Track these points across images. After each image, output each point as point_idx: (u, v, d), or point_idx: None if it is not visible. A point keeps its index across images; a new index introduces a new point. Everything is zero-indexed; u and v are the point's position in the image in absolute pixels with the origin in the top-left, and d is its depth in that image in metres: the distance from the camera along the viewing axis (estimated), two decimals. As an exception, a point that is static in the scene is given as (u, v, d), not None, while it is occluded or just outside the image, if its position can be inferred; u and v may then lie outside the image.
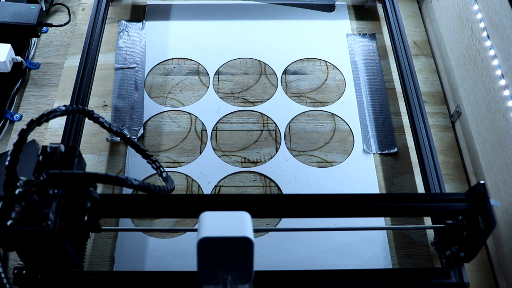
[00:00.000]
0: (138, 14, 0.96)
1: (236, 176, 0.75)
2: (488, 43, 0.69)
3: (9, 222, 0.40)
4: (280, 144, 0.78)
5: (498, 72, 0.66)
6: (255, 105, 0.83)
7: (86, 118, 0.57)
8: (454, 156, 0.78)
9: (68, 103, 0.75)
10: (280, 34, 0.94)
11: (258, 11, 0.97)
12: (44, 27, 0.91)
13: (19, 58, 0.81)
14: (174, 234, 0.68)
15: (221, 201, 0.53)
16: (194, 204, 0.50)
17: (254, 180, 0.74)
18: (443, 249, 0.62)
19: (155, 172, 0.59)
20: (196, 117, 0.81)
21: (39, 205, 0.42)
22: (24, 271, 0.53)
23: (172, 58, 0.89)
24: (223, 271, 0.39)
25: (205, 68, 0.88)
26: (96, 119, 0.54)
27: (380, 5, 0.96)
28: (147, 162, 0.59)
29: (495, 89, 0.67)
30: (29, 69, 0.85)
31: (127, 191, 0.71)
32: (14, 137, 0.68)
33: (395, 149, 0.78)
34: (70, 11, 0.93)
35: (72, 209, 0.44)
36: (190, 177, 0.74)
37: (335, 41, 0.93)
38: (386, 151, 0.78)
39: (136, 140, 0.77)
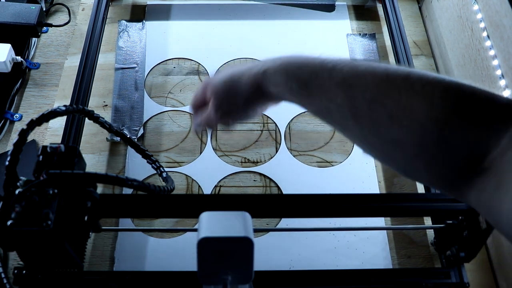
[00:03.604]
0: (138, 14, 0.96)
1: (236, 176, 0.75)
2: (488, 43, 0.69)
3: (9, 222, 0.40)
4: (280, 144, 0.78)
5: (498, 72, 0.66)
6: (255, 105, 0.83)
7: (86, 118, 0.56)
8: (454, 156, 0.78)
9: (68, 103, 0.75)
10: (280, 34, 0.94)
11: (258, 11, 0.97)
12: (44, 27, 0.91)
13: (19, 58, 0.81)
14: (174, 234, 0.68)
15: (221, 201, 0.53)
16: (194, 204, 0.50)
17: (254, 180, 0.74)
18: (443, 249, 0.62)
19: (155, 172, 0.59)
20: (196, 117, 0.81)
21: (39, 205, 0.42)
22: (24, 271, 0.53)
23: (172, 58, 0.89)
24: (223, 271, 0.39)
25: (205, 68, 0.88)
26: (96, 119, 0.54)
27: (380, 5, 0.96)
28: (147, 162, 0.59)
29: (495, 89, 0.67)
30: (29, 69, 0.85)
31: (127, 191, 0.71)
32: (14, 137, 0.68)
33: (395, 149, 0.78)
34: (70, 11, 0.93)
35: (72, 209, 0.44)
36: (190, 177, 0.74)
37: (335, 41, 0.93)
38: (386, 151, 0.78)
39: (136, 140, 0.77)
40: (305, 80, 0.38)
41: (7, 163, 0.43)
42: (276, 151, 0.78)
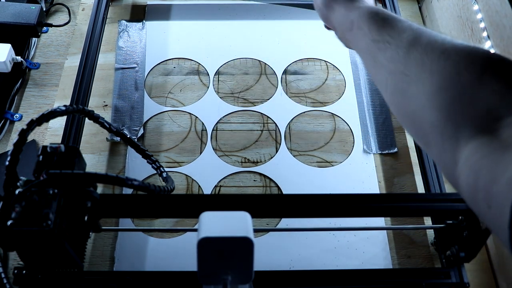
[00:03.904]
0: (138, 14, 0.96)
1: (236, 176, 0.75)
2: (488, 43, 0.69)
3: (9, 222, 0.40)
4: (280, 144, 0.78)
5: (498, 72, 0.66)
6: (255, 105, 0.83)
7: (86, 118, 0.57)
8: (454, 156, 0.78)
9: (68, 103, 0.75)
10: (280, 34, 0.94)
11: (258, 11, 0.97)
12: (44, 27, 0.91)
13: (19, 58, 0.81)
14: (174, 234, 0.68)
15: (221, 201, 0.53)
16: (194, 204, 0.50)
17: (254, 180, 0.74)
18: (443, 249, 0.62)
19: (155, 172, 0.59)
20: (196, 117, 0.81)
21: (39, 205, 0.42)
22: (24, 271, 0.53)
23: (172, 58, 0.89)
24: (223, 271, 0.39)
25: (205, 68, 0.88)
26: (96, 119, 0.54)
27: (380, 5, 0.96)
28: (147, 162, 0.59)
29: (495, 89, 0.67)
30: (29, 69, 0.85)
31: (127, 191, 0.71)
32: (14, 137, 0.68)
33: (395, 149, 0.78)
34: (70, 11, 0.93)
35: (72, 209, 0.44)
36: (190, 177, 0.74)
37: (335, 41, 0.92)
38: (386, 151, 0.78)
39: (136, 140, 0.77)
40: (387, 19, 0.43)
41: (7, 163, 0.43)
42: (276, 151, 0.78)
